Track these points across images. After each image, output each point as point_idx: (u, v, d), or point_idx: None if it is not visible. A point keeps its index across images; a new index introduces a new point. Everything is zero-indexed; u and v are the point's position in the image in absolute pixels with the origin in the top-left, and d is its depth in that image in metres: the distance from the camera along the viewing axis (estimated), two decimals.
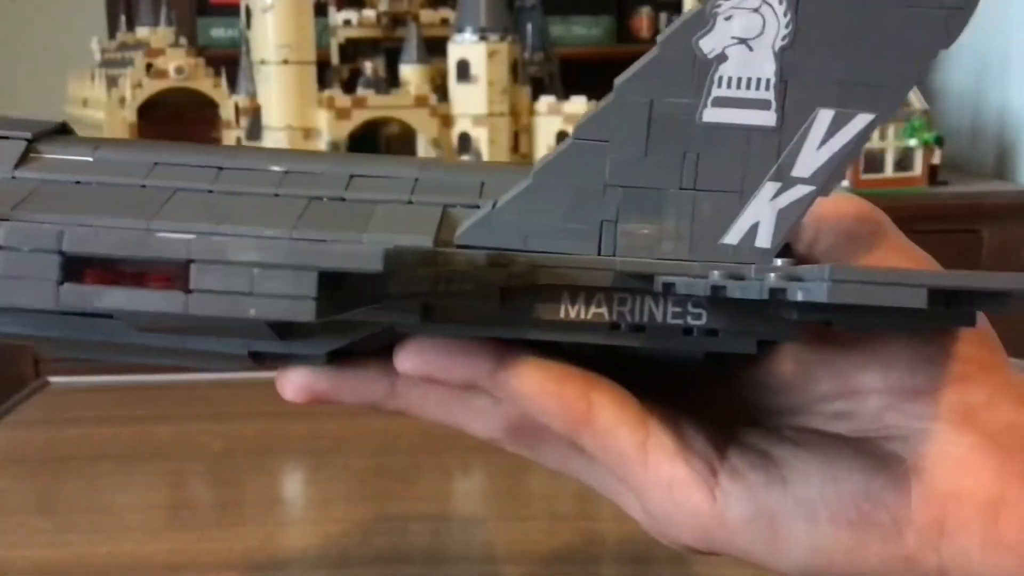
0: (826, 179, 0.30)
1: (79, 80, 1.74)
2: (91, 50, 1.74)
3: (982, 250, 1.62)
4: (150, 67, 1.59)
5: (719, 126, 0.30)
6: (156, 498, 0.62)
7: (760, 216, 0.30)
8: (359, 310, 0.28)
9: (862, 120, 0.30)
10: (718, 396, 0.34)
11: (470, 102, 1.63)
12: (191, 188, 0.33)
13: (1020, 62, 1.79)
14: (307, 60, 1.59)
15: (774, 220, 0.30)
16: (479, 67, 1.61)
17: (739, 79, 0.30)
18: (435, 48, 1.67)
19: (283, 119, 1.58)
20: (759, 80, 0.30)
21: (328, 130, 1.56)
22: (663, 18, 2.01)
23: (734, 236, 0.31)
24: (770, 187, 0.30)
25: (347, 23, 1.76)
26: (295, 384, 0.32)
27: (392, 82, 1.66)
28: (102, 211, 0.31)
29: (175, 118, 1.61)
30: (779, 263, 0.30)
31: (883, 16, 0.29)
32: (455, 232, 0.31)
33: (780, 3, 0.29)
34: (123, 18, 1.82)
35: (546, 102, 1.64)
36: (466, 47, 1.62)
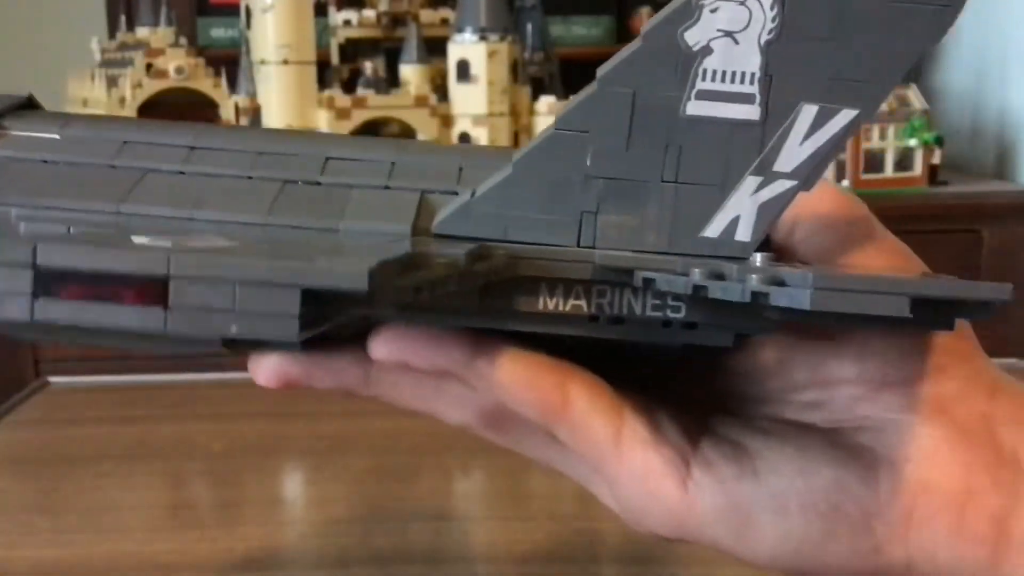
0: (808, 174, 0.30)
1: (79, 80, 1.74)
2: (91, 50, 1.74)
3: (982, 250, 1.61)
4: (150, 67, 1.59)
5: (702, 119, 0.30)
6: (156, 498, 0.62)
7: (741, 210, 0.30)
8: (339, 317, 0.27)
9: (846, 116, 0.30)
10: (694, 383, 0.34)
11: (470, 102, 1.63)
12: (162, 169, 0.32)
13: (1020, 62, 1.79)
14: (307, 60, 1.59)
15: (755, 214, 0.30)
16: (479, 67, 1.61)
17: (723, 72, 0.30)
18: (435, 48, 1.67)
19: (283, 119, 1.58)
20: (744, 74, 0.30)
21: (328, 130, 1.56)
22: None
23: (715, 229, 0.31)
24: (752, 181, 0.30)
25: (347, 23, 1.76)
26: (268, 369, 0.31)
27: (392, 82, 1.66)
28: (70, 194, 0.31)
29: (175, 118, 1.60)
30: (759, 259, 0.29)
31: (870, 12, 0.29)
32: (433, 220, 0.31)
33: None
34: (123, 18, 1.82)
35: (546, 102, 1.64)
36: (466, 47, 1.62)
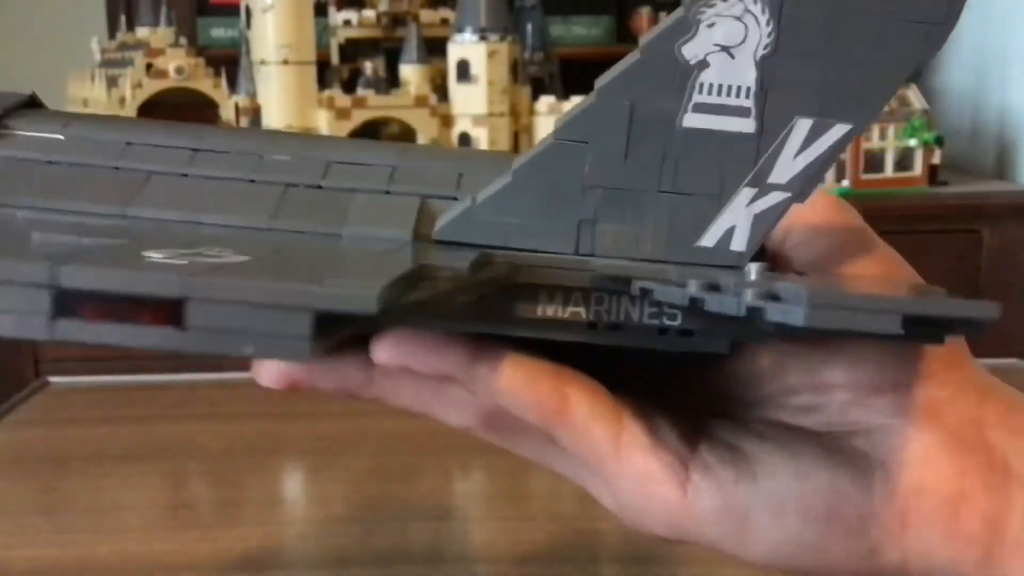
0: (802, 186, 0.31)
1: (79, 80, 1.74)
2: (91, 50, 1.74)
3: (982, 250, 1.62)
4: (150, 67, 1.59)
5: (699, 132, 0.30)
6: (156, 498, 0.62)
7: (736, 220, 0.31)
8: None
9: (839, 130, 0.30)
10: (689, 387, 0.34)
11: (470, 102, 1.63)
12: (166, 172, 0.32)
13: (1020, 62, 1.79)
14: (307, 60, 1.59)
15: (750, 225, 0.31)
16: (479, 67, 1.61)
17: (720, 86, 0.30)
18: (435, 48, 1.67)
19: (283, 119, 1.58)
20: (739, 88, 0.30)
21: (328, 130, 1.56)
22: (663, 18, 2.00)
23: (710, 239, 0.31)
24: (747, 192, 0.31)
25: (347, 23, 1.76)
26: (272, 371, 0.32)
27: (392, 82, 1.66)
28: (75, 196, 0.31)
29: (175, 118, 1.60)
30: (754, 269, 0.30)
31: (864, 28, 0.29)
32: (432, 225, 0.31)
33: (763, 12, 0.29)
34: (123, 18, 1.82)
35: (546, 102, 1.64)
36: (466, 47, 1.62)
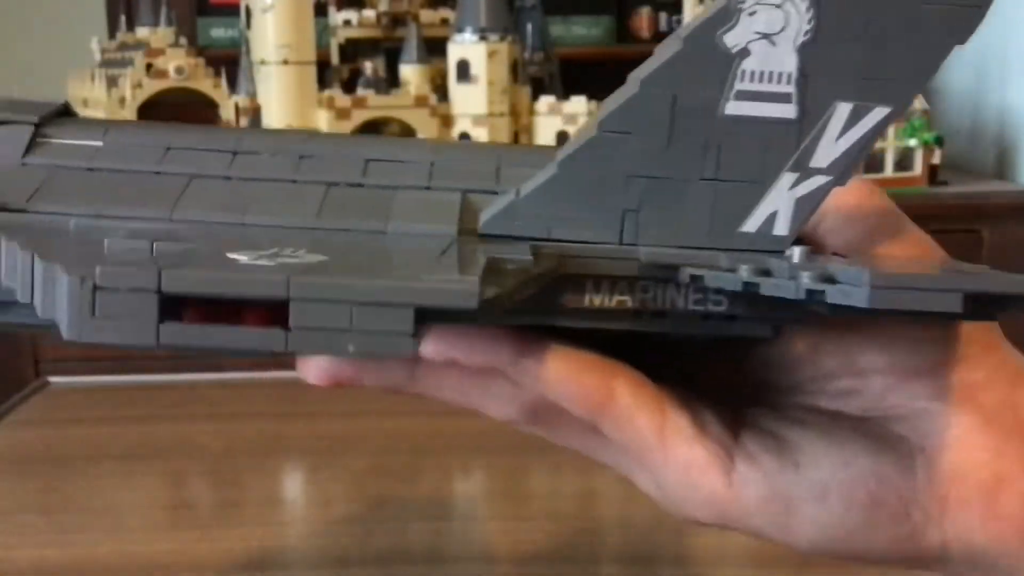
0: (843, 170, 0.31)
1: (79, 80, 1.74)
2: (91, 50, 1.74)
3: (982, 250, 1.61)
4: (150, 67, 1.59)
5: (741, 119, 0.31)
6: (156, 498, 0.62)
7: (778, 205, 0.31)
8: None
9: (879, 113, 0.31)
10: (727, 373, 0.35)
11: (470, 102, 1.63)
12: (207, 175, 0.33)
13: (1020, 62, 1.79)
14: (307, 60, 1.59)
15: (792, 209, 0.31)
16: (479, 67, 1.61)
17: (761, 73, 0.31)
18: (435, 48, 1.67)
19: (283, 119, 1.58)
20: (780, 74, 0.30)
21: (328, 130, 1.56)
22: (663, 18, 2.01)
23: (752, 224, 0.32)
24: (789, 177, 0.31)
25: (347, 23, 1.76)
26: (319, 368, 0.32)
27: (392, 82, 1.66)
28: (120, 201, 0.31)
29: (175, 118, 1.60)
30: (797, 252, 0.30)
31: (902, 13, 0.30)
32: (475, 220, 0.32)
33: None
34: (123, 18, 1.82)
35: (546, 102, 1.64)
36: (466, 47, 1.62)
